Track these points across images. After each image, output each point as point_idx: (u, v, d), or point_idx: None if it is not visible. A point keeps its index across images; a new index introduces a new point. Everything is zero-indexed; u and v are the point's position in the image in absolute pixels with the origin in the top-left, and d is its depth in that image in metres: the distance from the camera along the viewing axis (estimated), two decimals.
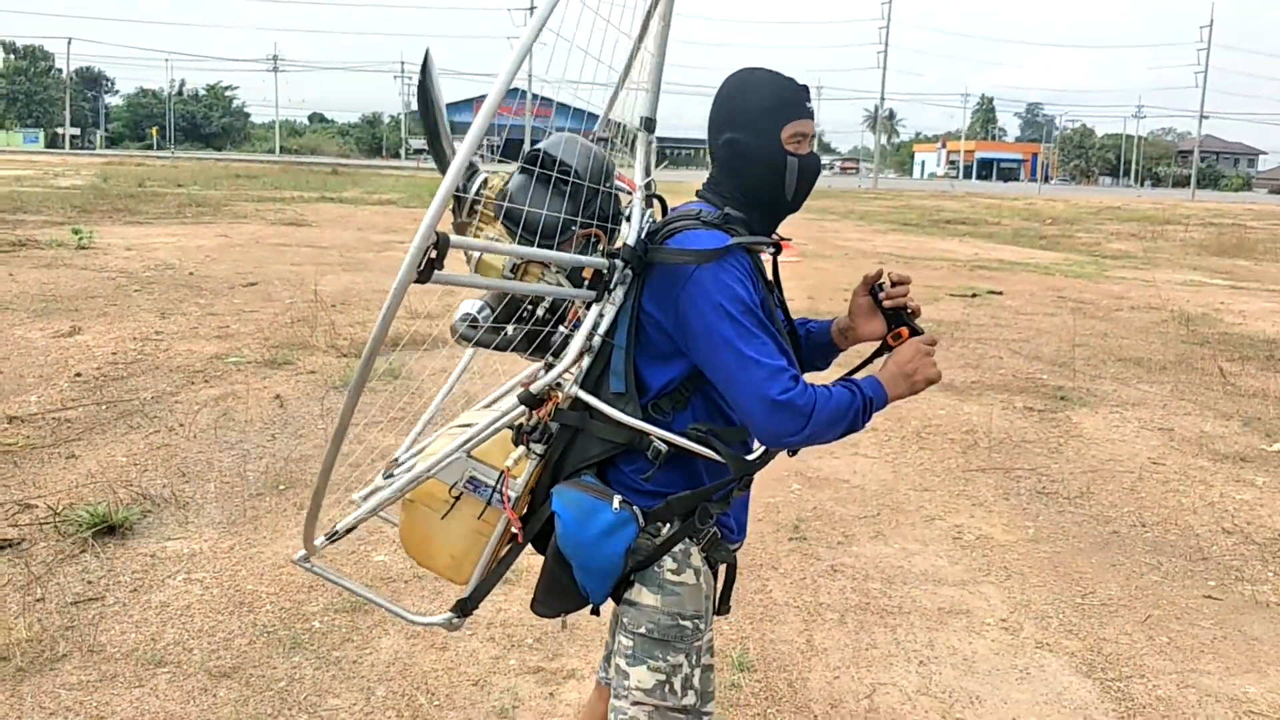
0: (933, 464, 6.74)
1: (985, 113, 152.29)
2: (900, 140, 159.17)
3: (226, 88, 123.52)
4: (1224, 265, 22.87)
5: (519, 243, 2.19)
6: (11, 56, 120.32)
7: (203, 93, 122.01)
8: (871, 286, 2.41)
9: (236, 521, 5.28)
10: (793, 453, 2.31)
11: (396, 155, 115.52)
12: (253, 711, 3.59)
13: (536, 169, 2.20)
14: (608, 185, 2.27)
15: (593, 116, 2.55)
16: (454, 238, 1.93)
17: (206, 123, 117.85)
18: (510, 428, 2.29)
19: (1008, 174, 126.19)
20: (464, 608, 2.41)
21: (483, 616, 4.29)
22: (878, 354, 2.43)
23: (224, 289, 12.43)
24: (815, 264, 18.47)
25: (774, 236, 2.33)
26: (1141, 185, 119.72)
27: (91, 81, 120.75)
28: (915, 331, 2.34)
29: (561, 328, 2.26)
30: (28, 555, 4.76)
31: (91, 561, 4.74)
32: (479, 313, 2.25)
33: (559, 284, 2.22)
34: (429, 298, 11.91)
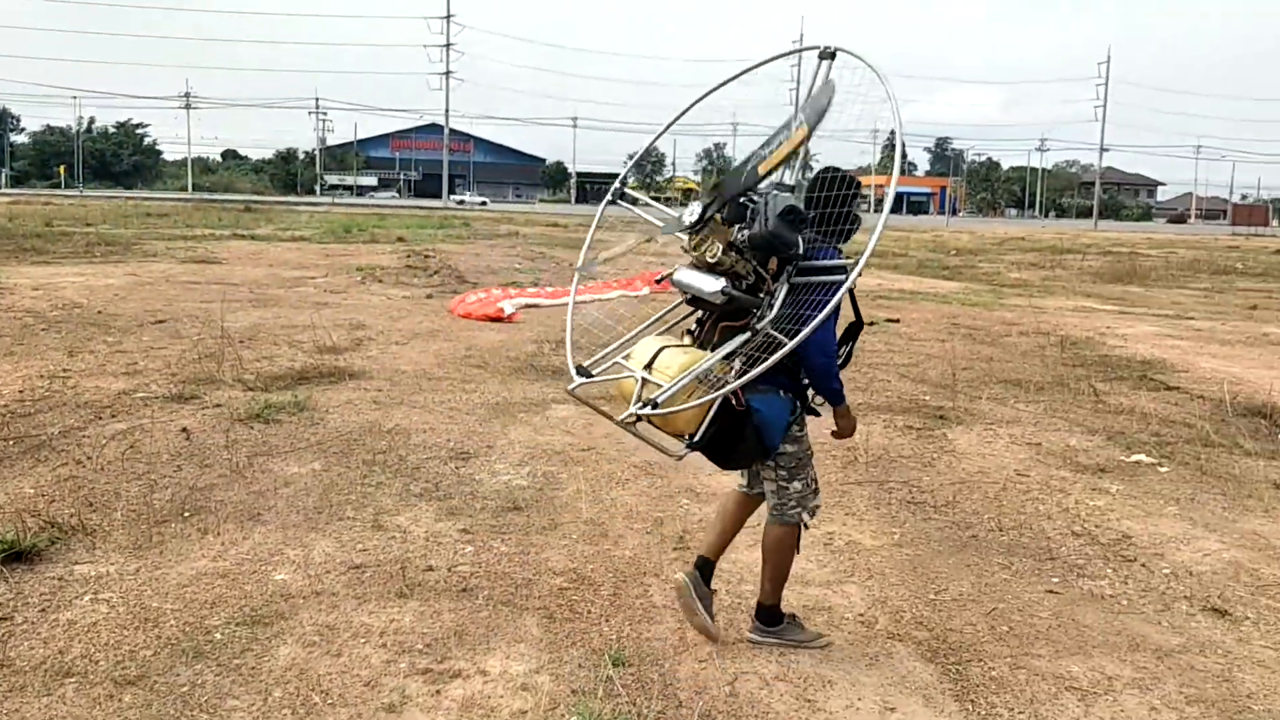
0: None
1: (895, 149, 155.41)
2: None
3: (137, 125, 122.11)
4: (1116, 292, 23.94)
5: (761, 252, 4.06)
6: None
7: (113, 130, 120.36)
8: None
9: (143, 546, 5.50)
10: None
11: (311, 191, 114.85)
12: (156, 714, 3.85)
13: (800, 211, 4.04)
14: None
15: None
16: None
17: (117, 160, 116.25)
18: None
19: (918, 207, 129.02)
20: (693, 444, 4.14)
21: (375, 625, 4.59)
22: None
23: (133, 327, 12.52)
24: None
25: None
26: (1046, 216, 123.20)
27: None
28: None
29: (761, 294, 4.08)
30: None
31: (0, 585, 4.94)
32: (727, 287, 4.01)
33: (750, 271, 4.06)
34: (337, 332, 12.12)
